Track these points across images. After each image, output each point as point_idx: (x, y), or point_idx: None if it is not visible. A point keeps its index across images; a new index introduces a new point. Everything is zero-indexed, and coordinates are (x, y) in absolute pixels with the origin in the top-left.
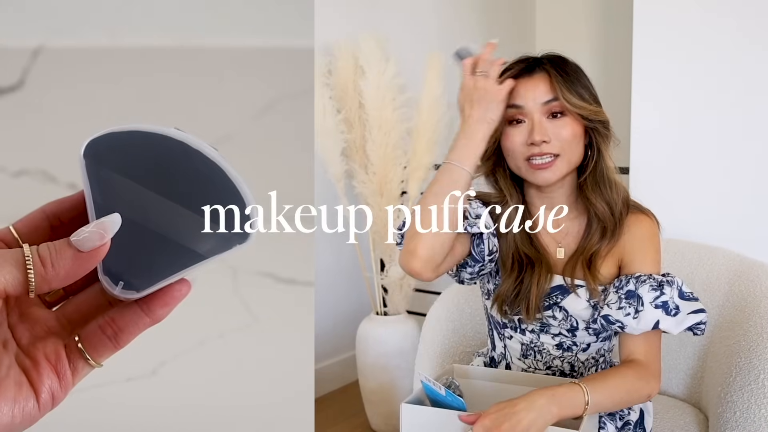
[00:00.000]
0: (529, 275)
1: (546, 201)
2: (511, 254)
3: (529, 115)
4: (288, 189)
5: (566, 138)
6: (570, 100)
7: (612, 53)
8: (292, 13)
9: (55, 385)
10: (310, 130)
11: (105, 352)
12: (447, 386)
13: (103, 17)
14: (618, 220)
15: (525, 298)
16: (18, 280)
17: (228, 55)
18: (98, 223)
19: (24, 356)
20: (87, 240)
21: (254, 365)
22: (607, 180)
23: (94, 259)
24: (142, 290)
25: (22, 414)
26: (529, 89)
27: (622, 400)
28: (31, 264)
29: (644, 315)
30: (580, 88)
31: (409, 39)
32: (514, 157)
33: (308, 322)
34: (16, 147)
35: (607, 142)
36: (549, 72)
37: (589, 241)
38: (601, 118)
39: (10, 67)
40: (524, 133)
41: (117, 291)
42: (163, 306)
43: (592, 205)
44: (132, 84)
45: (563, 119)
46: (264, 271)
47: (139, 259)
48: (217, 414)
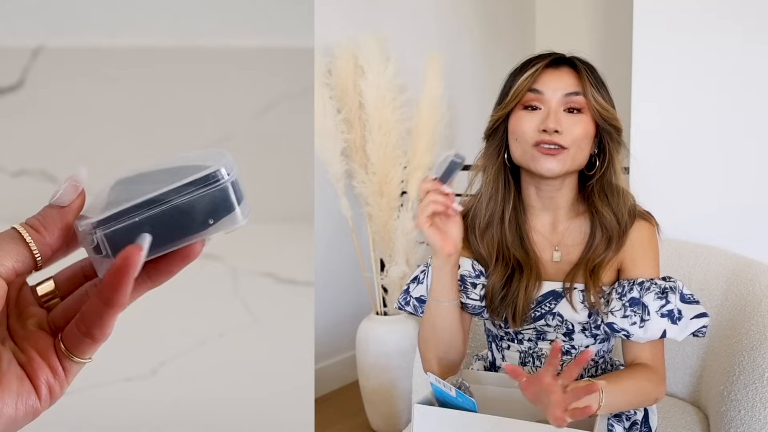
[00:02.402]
0: (518, 279)
1: (546, 202)
2: (498, 248)
3: (547, 104)
4: (288, 189)
5: (578, 135)
6: (595, 98)
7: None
8: (292, 13)
9: (51, 379)
10: (310, 130)
11: (85, 348)
12: (458, 387)
13: (103, 17)
14: (623, 230)
15: (512, 303)
16: (23, 254)
17: (228, 55)
18: (69, 178)
19: (20, 352)
20: (64, 194)
21: (254, 365)
22: (615, 188)
23: (77, 210)
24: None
25: (25, 407)
26: (554, 78)
27: (634, 402)
28: (26, 235)
29: (651, 325)
30: (603, 91)
31: (409, 39)
32: (523, 140)
33: (308, 322)
34: (16, 147)
35: (618, 149)
36: (578, 67)
37: (594, 252)
38: (617, 124)
39: (9, 66)
40: (537, 120)
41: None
42: (113, 289)
43: (599, 213)
44: (132, 84)
45: (579, 116)
46: (264, 271)
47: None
48: (216, 414)
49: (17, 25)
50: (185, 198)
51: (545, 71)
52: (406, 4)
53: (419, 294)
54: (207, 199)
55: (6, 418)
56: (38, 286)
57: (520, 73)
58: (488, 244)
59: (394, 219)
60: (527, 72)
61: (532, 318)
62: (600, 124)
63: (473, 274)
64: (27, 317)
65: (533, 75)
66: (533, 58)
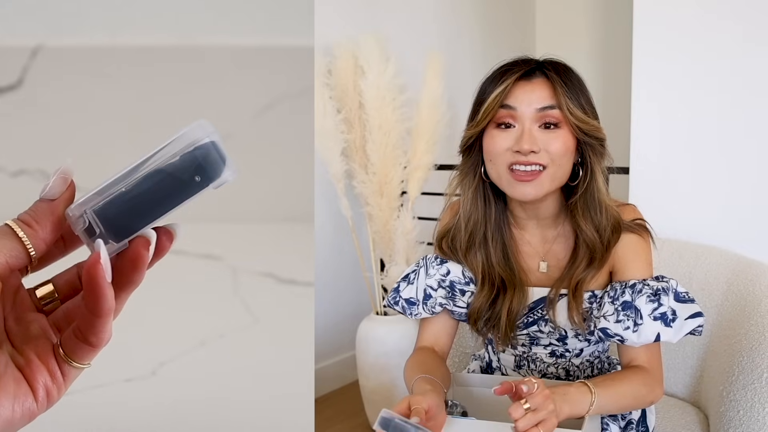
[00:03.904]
0: (501, 300)
1: (531, 213)
2: (483, 268)
3: (521, 120)
4: (288, 189)
5: (557, 151)
6: (572, 111)
7: (612, 53)
8: (292, 13)
9: (49, 382)
10: (310, 130)
11: (84, 354)
12: (451, 409)
13: (103, 16)
14: (606, 247)
15: (496, 325)
16: (17, 249)
17: (228, 55)
18: (58, 171)
19: (18, 355)
20: (53, 187)
21: (254, 365)
22: (598, 203)
23: (67, 201)
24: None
25: (22, 409)
26: (527, 92)
27: (627, 405)
28: (18, 230)
29: (644, 329)
30: (582, 100)
31: (409, 39)
32: (496, 163)
33: (308, 322)
34: (15, 146)
35: (600, 161)
36: (551, 78)
37: (576, 269)
38: (599, 135)
39: (9, 66)
40: (511, 140)
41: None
42: (93, 297)
43: (581, 231)
44: (132, 84)
45: (556, 131)
46: (264, 271)
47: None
48: (216, 414)
49: (16, 24)
50: (166, 159)
51: (517, 84)
52: (406, 4)
53: (409, 295)
54: (189, 158)
55: (3, 419)
56: (37, 288)
57: (491, 86)
58: (472, 263)
59: (394, 219)
60: (498, 87)
61: (524, 324)
62: (580, 137)
63: (463, 281)
64: (27, 321)
65: (504, 90)
66: (505, 69)
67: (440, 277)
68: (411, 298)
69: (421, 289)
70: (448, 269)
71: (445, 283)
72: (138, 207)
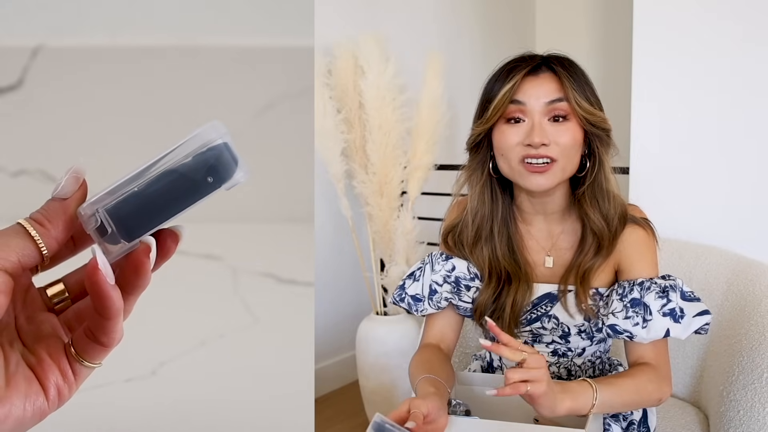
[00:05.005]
0: (506, 292)
1: (538, 207)
2: (489, 262)
3: (530, 115)
4: (288, 189)
5: (566, 144)
6: (579, 103)
7: (612, 53)
8: (292, 13)
9: (60, 381)
10: (310, 130)
11: (95, 353)
12: (455, 408)
13: (103, 16)
14: (614, 235)
15: (500, 318)
16: (29, 248)
17: (228, 55)
18: (70, 170)
19: (29, 354)
20: (65, 186)
21: (254, 365)
22: (606, 193)
23: (79, 200)
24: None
25: (33, 408)
26: (535, 86)
27: (633, 402)
28: (30, 229)
29: (653, 325)
30: (588, 92)
31: (409, 39)
32: (508, 157)
33: (308, 322)
34: (15, 146)
35: (608, 152)
36: (557, 72)
37: (584, 257)
38: (605, 126)
39: (9, 66)
40: (521, 134)
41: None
42: (100, 299)
43: (589, 219)
44: (132, 84)
45: (565, 124)
46: (264, 271)
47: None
48: (216, 414)
49: (16, 24)
50: (179, 160)
51: (525, 79)
52: (406, 4)
53: (415, 292)
54: (201, 159)
55: (14, 418)
56: (48, 288)
57: (499, 83)
58: (478, 258)
59: (394, 219)
60: (507, 83)
61: (527, 320)
62: (587, 129)
63: (468, 277)
64: (39, 321)
65: (513, 86)
66: (512, 66)
67: (446, 273)
68: (417, 294)
69: (426, 285)
70: (453, 265)
71: (451, 278)
72: (150, 207)
